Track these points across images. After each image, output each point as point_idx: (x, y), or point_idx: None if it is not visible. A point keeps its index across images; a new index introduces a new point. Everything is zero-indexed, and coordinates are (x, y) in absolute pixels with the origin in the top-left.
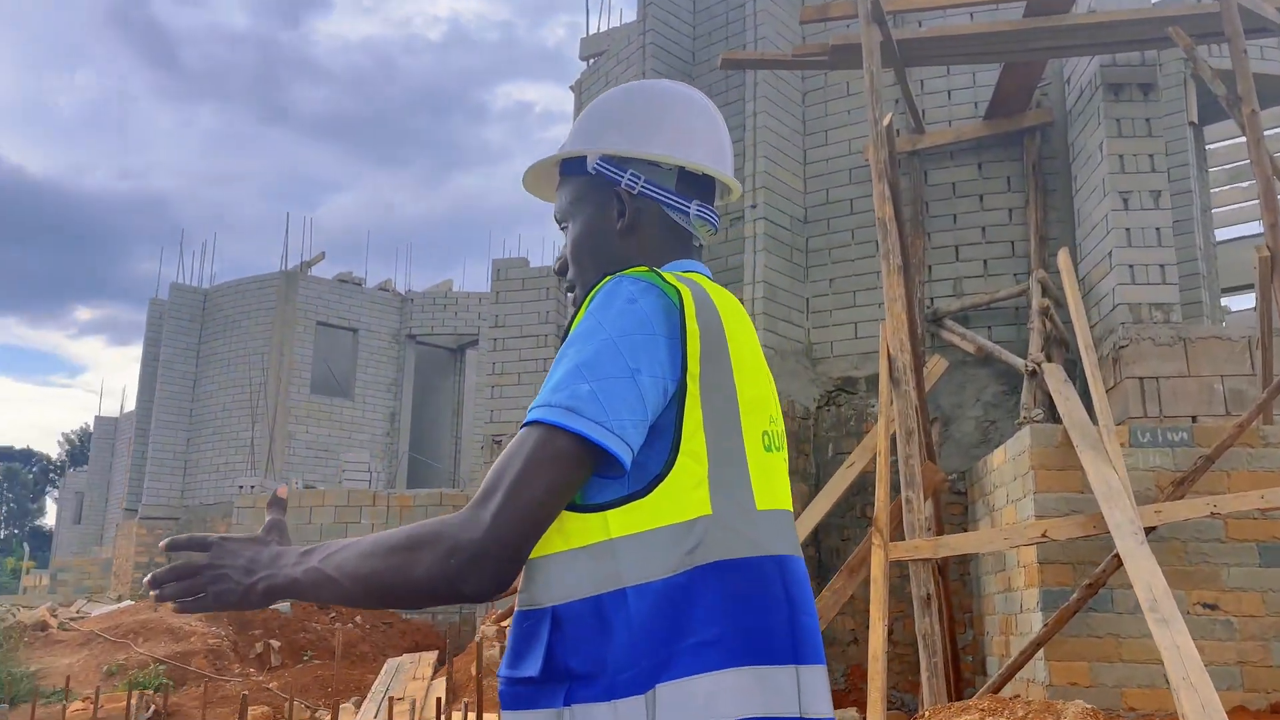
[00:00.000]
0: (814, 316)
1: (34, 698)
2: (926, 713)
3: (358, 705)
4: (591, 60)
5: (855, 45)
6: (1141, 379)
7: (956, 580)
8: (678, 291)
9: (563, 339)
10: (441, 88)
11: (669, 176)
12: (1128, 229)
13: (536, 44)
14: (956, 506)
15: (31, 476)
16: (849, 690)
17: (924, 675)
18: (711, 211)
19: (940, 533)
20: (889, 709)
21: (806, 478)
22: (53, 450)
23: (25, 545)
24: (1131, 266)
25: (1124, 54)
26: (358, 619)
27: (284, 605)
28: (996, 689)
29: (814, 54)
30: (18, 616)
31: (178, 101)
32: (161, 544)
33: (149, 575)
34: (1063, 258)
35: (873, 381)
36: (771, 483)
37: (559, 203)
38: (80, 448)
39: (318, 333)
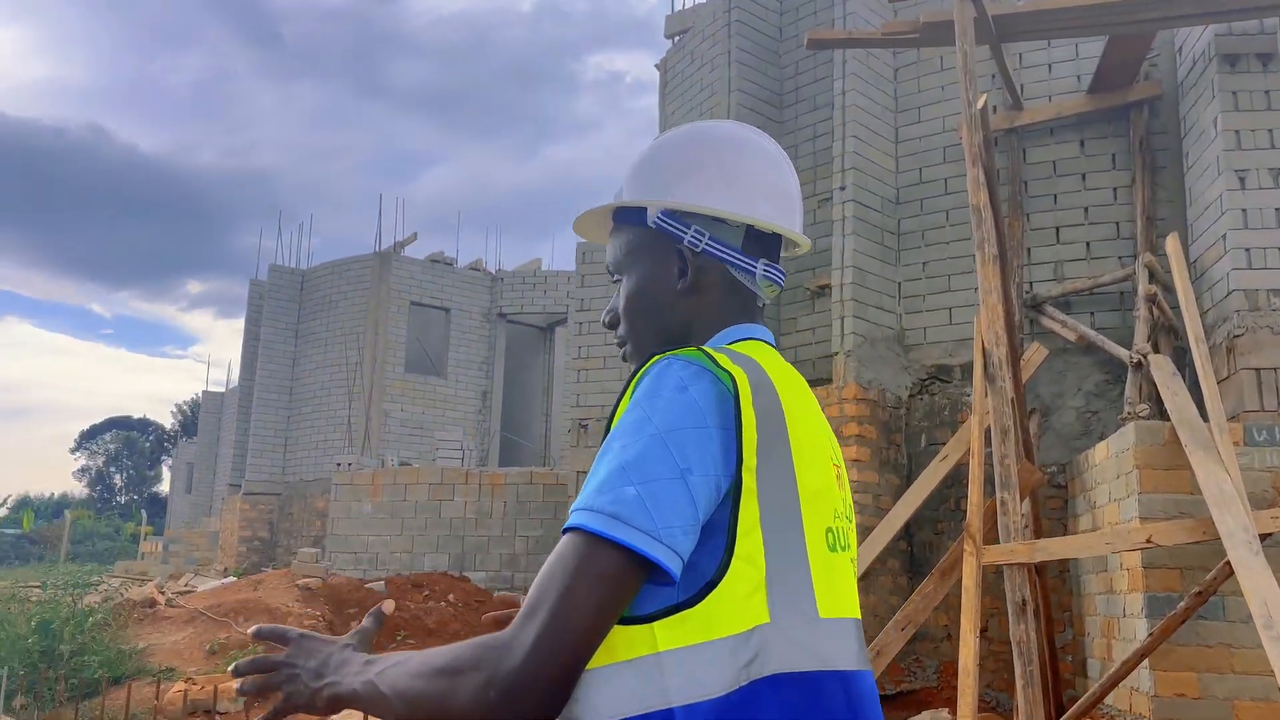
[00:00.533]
0: (906, 302)
1: (123, 683)
2: None
3: None
4: (677, 38)
5: (948, 22)
6: (1258, 370)
7: (1055, 577)
8: (732, 377)
9: (608, 422)
10: (533, 59)
11: (736, 234)
12: (1244, 209)
13: (625, 13)
14: (1056, 501)
15: (148, 445)
16: (940, 688)
17: (1019, 684)
18: (777, 270)
19: (1039, 529)
20: (983, 710)
21: (898, 469)
22: (167, 420)
23: (143, 512)
24: (1248, 250)
25: (1240, 22)
26: (450, 597)
27: (379, 584)
28: (1098, 699)
29: (904, 32)
30: (127, 594)
31: (279, 79)
32: (249, 630)
33: (233, 665)
34: (1172, 242)
35: (968, 369)
36: (836, 587)
37: (612, 252)
38: (191, 419)
39: (411, 312)
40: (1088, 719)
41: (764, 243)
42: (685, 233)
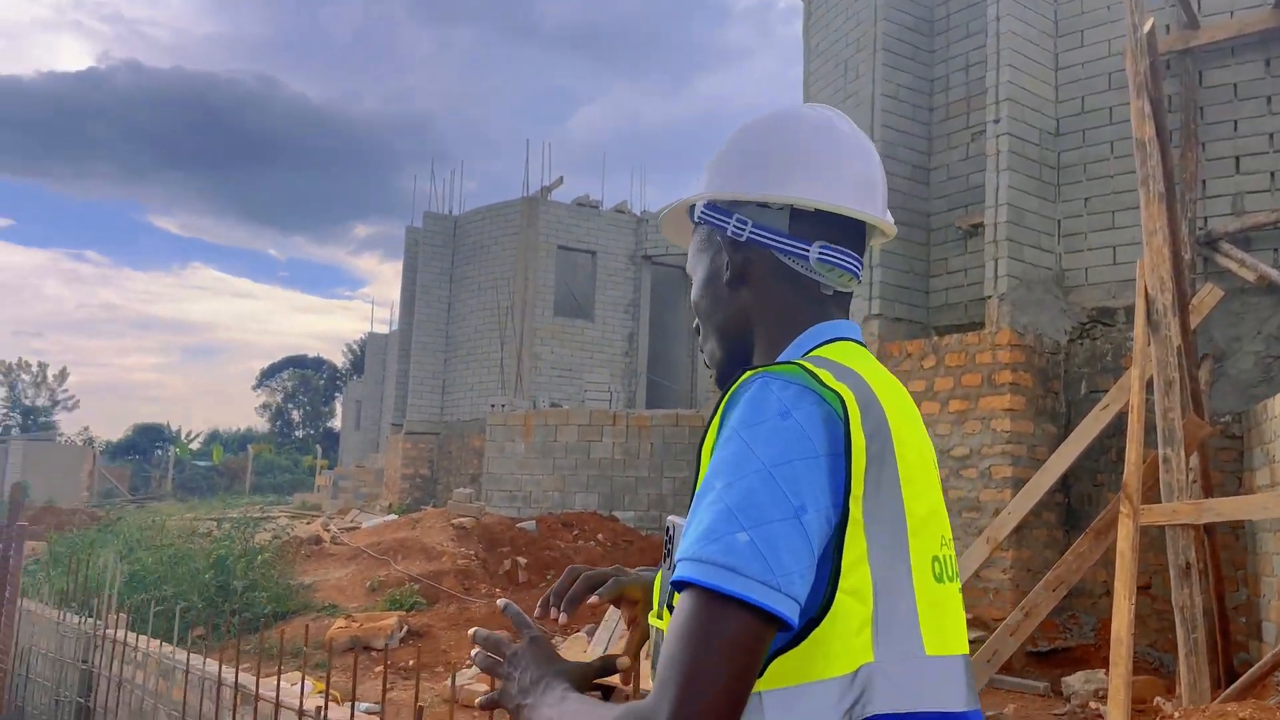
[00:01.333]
0: (1066, 240)
1: (289, 618)
2: (1176, 715)
3: (590, 634)
4: None
5: None
6: None
7: (1228, 533)
8: (839, 397)
9: (698, 449)
10: None
11: (779, 218)
12: None
13: None
14: (1229, 453)
15: (322, 383)
16: (1098, 645)
17: (1181, 652)
18: (845, 254)
19: (1208, 485)
20: (1144, 671)
21: (1055, 418)
22: (338, 359)
23: (318, 446)
24: None
25: None
26: (599, 536)
27: (530, 524)
28: (1273, 668)
29: None
30: (294, 532)
31: (435, 24)
32: (470, 631)
33: (474, 631)
34: None
35: (1133, 312)
36: (943, 621)
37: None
38: (360, 358)
39: (558, 256)
40: (1261, 687)
41: (828, 226)
42: (727, 222)
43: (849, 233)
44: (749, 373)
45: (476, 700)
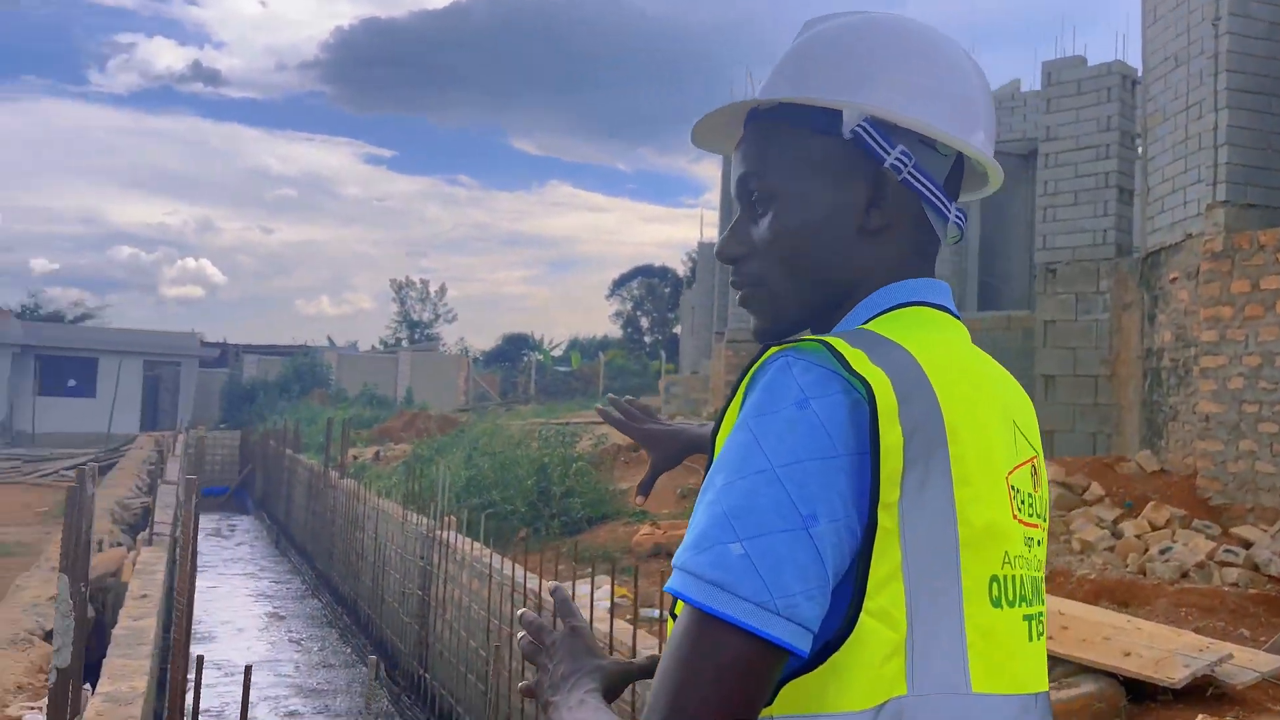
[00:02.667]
0: None
1: (603, 522)
2: None
3: None
4: None
5: None
6: None
7: None
8: (866, 384)
9: (713, 432)
10: None
11: (943, 165)
12: None
13: None
14: None
15: (666, 291)
16: None
17: None
18: (960, 213)
19: None
20: None
21: None
22: (680, 267)
23: (662, 352)
24: None
25: None
26: None
27: None
28: None
29: None
30: (610, 440)
31: None
32: (518, 613)
33: (521, 613)
34: None
35: None
36: (1001, 653)
37: (754, 163)
38: (695, 265)
39: None
40: None
41: (953, 179)
42: (890, 153)
43: (958, 186)
44: (773, 349)
45: (519, 685)
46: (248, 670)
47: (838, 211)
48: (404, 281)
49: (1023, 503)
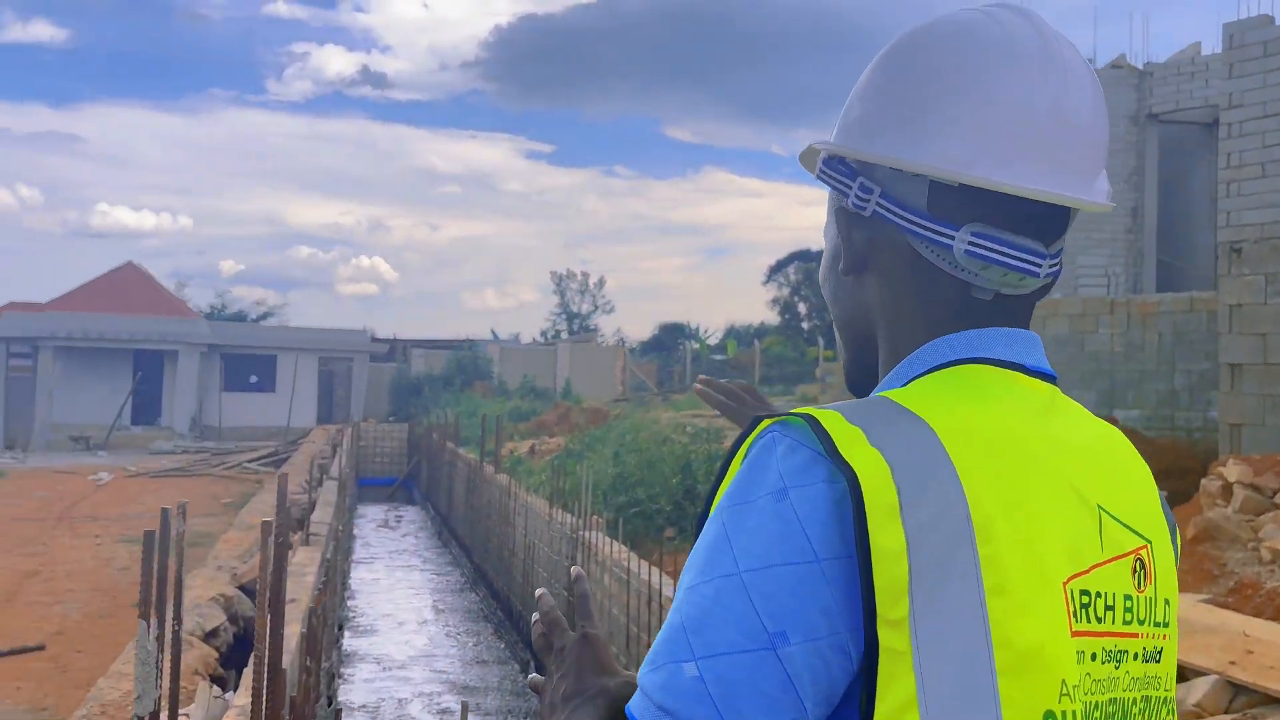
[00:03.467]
0: None
1: None
2: None
3: None
4: None
5: None
6: None
7: None
8: (853, 472)
9: (704, 508)
10: None
11: (916, 189)
12: None
13: None
14: None
15: None
16: None
17: None
18: (1010, 246)
19: None
20: None
21: None
22: None
23: (820, 339)
24: None
25: None
26: None
27: None
28: None
29: None
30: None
31: None
32: (537, 593)
33: (540, 592)
34: None
35: None
36: None
37: None
38: None
39: None
40: None
41: (991, 202)
42: (849, 188)
43: (1027, 210)
44: (766, 421)
45: (528, 678)
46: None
47: (832, 256)
48: (564, 273)
49: (1109, 607)
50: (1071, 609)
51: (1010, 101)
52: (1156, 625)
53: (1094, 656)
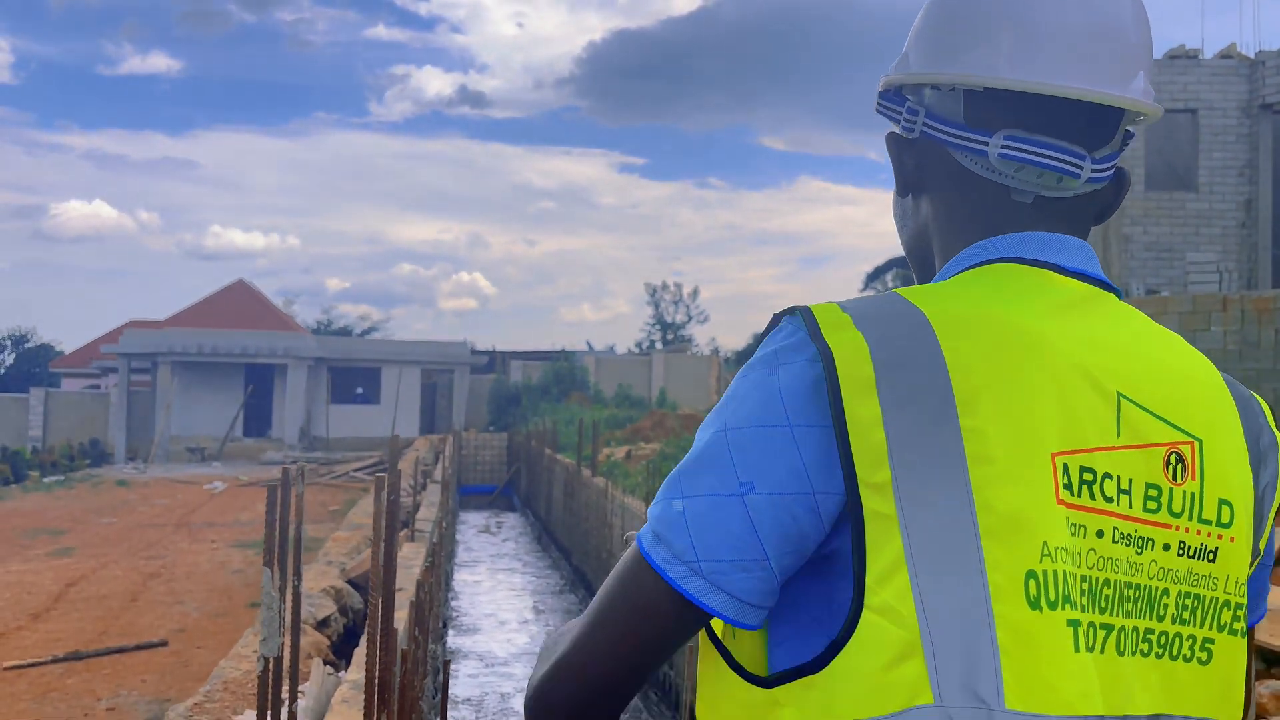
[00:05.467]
0: None
1: None
2: None
3: None
4: None
5: None
6: None
7: None
8: (829, 352)
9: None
10: None
11: (952, 102)
12: None
13: None
14: None
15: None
16: None
17: None
18: (1045, 147)
19: None
20: None
21: None
22: None
23: None
24: None
25: None
26: None
27: None
28: None
29: None
30: None
31: None
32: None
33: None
34: None
35: None
36: (1042, 664)
37: None
38: None
39: None
40: None
41: (1029, 108)
42: (898, 114)
43: (1068, 114)
44: (783, 314)
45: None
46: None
47: (897, 189)
48: (659, 285)
49: (1123, 490)
50: (1061, 481)
51: (1041, 8)
52: (1203, 522)
53: (1100, 534)
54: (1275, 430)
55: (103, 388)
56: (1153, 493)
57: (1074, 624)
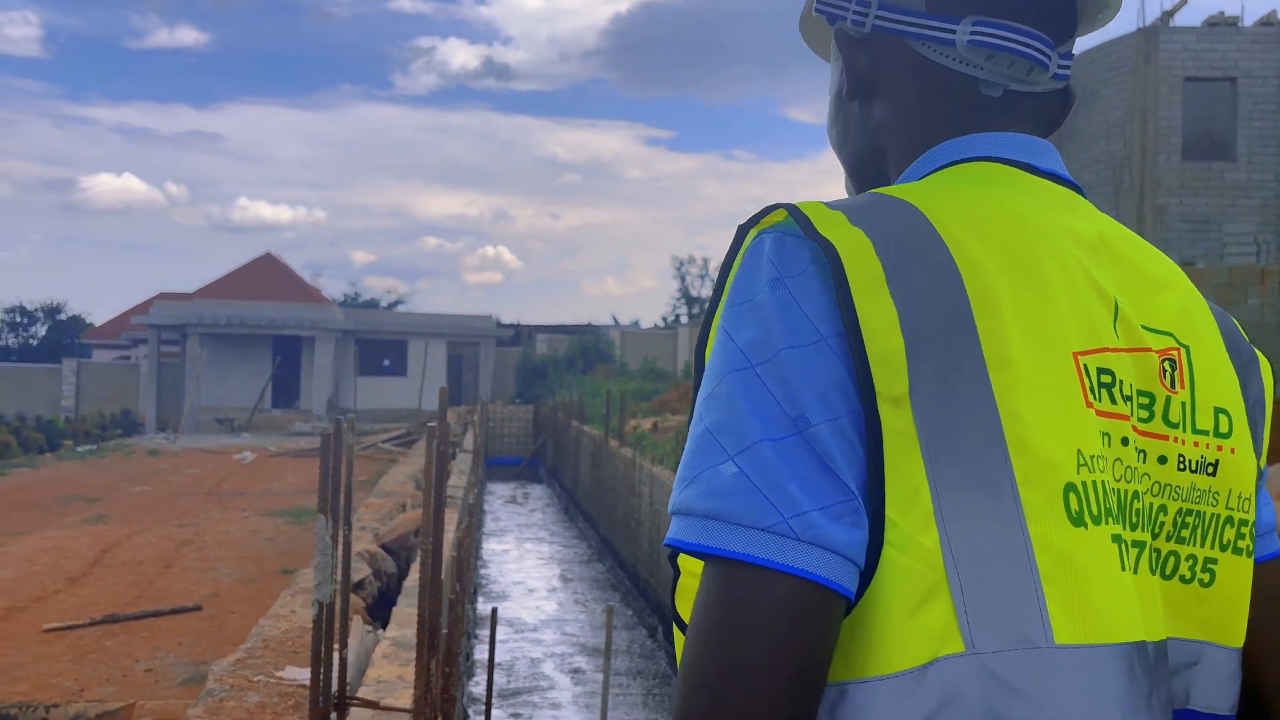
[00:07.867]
0: None
1: None
2: None
3: None
4: None
5: None
6: None
7: None
8: (831, 246)
9: (703, 331)
10: None
11: None
12: None
13: None
14: None
15: None
16: None
17: None
18: (1017, 33)
19: None
20: None
21: None
22: None
23: None
24: None
25: None
26: None
27: None
28: None
29: None
30: None
31: None
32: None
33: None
34: None
35: None
36: (1091, 589)
37: None
38: None
39: (1186, 90)
40: None
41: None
42: (845, 9)
43: (1036, 3)
44: (751, 231)
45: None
46: (493, 612)
47: (836, 93)
48: (685, 259)
49: (1126, 396)
50: (1088, 384)
51: None
52: (1199, 433)
53: (1125, 441)
54: (1252, 346)
55: (133, 359)
56: (1144, 399)
57: (1118, 540)
